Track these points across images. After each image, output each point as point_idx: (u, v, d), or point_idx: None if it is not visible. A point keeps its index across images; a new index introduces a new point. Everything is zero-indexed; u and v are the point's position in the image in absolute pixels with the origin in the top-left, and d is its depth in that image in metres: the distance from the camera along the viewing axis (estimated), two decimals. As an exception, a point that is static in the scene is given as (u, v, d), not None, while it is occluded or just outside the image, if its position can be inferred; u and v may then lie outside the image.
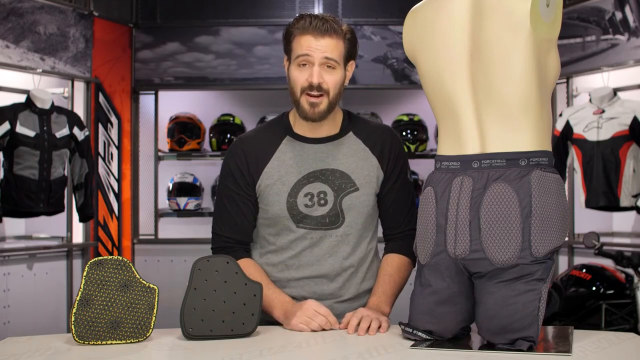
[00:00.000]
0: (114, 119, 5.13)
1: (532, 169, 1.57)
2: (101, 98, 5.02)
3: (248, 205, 1.99)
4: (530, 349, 1.55)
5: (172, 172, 5.33)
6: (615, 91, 4.20)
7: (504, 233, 1.55)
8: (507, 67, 1.57)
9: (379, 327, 1.79)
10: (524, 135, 1.59)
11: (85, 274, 1.68)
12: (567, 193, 3.10)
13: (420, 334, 1.68)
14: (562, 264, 4.72)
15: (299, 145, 1.99)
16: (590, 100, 4.27)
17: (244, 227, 2.00)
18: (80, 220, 4.60)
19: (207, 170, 5.40)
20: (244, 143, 2.02)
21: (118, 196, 5.15)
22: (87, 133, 4.47)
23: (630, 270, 3.38)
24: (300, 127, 2.00)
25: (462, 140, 1.65)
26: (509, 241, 1.55)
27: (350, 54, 1.96)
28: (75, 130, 4.37)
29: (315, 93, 1.90)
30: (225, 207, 2.01)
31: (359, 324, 1.79)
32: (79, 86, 4.86)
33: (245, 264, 1.95)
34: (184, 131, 5.22)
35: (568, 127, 4.27)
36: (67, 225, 4.73)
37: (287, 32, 1.95)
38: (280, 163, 1.97)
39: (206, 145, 5.33)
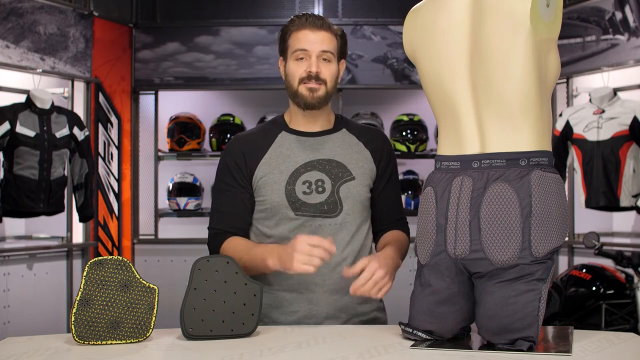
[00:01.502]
0: (114, 119, 5.13)
1: (532, 169, 1.57)
2: (101, 98, 5.02)
3: (242, 197, 2.01)
4: (530, 349, 1.55)
5: (172, 172, 5.34)
6: (615, 91, 4.20)
7: (504, 233, 1.55)
8: (507, 67, 1.57)
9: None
10: (524, 135, 1.59)
11: (85, 274, 1.68)
12: (567, 193, 3.10)
13: (420, 334, 1.68)
14: (562, 264, 4.72)
15: (295, 138, 2.03)
16: (590, 100, 4.27)
17: (236, 218, 2.02)
18: (80, 220, 4.61)
19: (207, 170, 5.40)
20: (240, 140, 2.07)
21: (118, 196, 5.16)
22: (87, 133, 4.47)
23: (630, 270, 3.38)
24: (295, 123, 2.05)
25: (462, 140, 1.65)
26: (509, 241, 1.55)
27: (343, 52, 2.05)
28: (75, 130, 4.37)
29: (313, 82, 1.96)
30: (219, 203, 2.04)
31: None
32: (79, 86, 4.86)
33: (230, 240, 1.97)
34: (184, 131, 5.22)
35: (568, 127, 4.27)
36: (67, 225, 4.73)
37: (282, 33, 2.03)
38: (277, 154, 2.01)
39: (206, 145, 5.33)
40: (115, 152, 5.14)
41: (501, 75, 1.58)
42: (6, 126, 4.02)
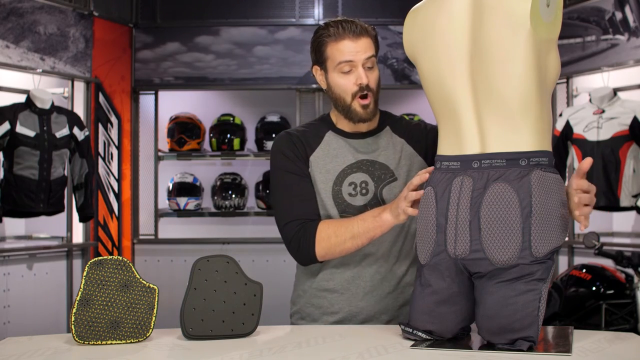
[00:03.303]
0: (114, 119, 5.13)
1: (533, 169, 1.57)
2: (101, 98, 5.02)
3: (311, 185, 1.99)
4: (530, 349, 1.55)
5: (172, 172, 5.34)
6: (615, 91, 4.20)
7: (504, 233, 1.55)
8: (507, 67, 1.57)
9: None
10: (524, 135, 1.59)
11: (85, 274, 1.68)
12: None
13: (420, 334, 1.68)
14: (562, 264, 4.72)
15: (342, 139, 2.04)
16: (590, 100, 4.27)
17: (315, 205, 1.99)
18: (80, 220, 4.61)
19: (207, 170, 5.40)
20: (290, 135, 2.05)
21: (118, 196, 5.15)
22: (87, 133, 4.47)
23: (630, 270, 3.38)
24: (342, 124, 2.05)
25: (462, 140, 1.65)
26: (509, 241, 1.55)
27: (378, 51, 2.04)
28: (75, 130, 4.37)
29: (366, 94, 1.96)
30: (294, 193, 1.99)
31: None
32: (79, 86, 4.86)
33: (323, 222, 1.94)
34: (184, 131, 5.22)
35: (568, 127, 4.27)
36: (67, 225, 4.73)
37: (317, 43, 1.99)
38: (325, 153, 2.02)
39: (206, 145, 5.33)
40: (115, 152, 5.14)
41: (501, 75, 1.58)
42: (6, 126, 4.02)
